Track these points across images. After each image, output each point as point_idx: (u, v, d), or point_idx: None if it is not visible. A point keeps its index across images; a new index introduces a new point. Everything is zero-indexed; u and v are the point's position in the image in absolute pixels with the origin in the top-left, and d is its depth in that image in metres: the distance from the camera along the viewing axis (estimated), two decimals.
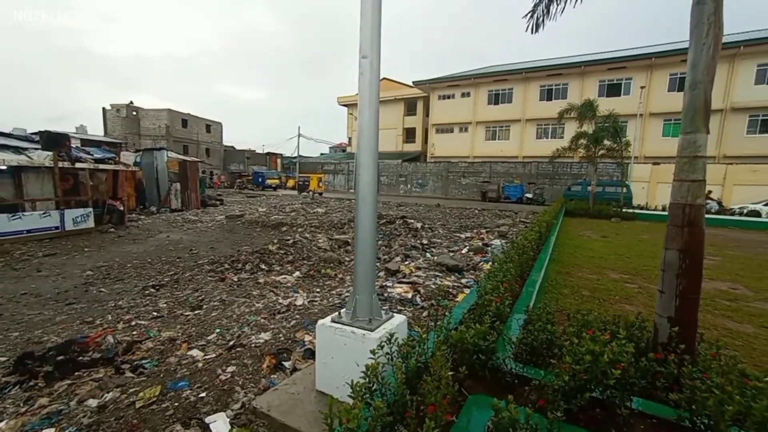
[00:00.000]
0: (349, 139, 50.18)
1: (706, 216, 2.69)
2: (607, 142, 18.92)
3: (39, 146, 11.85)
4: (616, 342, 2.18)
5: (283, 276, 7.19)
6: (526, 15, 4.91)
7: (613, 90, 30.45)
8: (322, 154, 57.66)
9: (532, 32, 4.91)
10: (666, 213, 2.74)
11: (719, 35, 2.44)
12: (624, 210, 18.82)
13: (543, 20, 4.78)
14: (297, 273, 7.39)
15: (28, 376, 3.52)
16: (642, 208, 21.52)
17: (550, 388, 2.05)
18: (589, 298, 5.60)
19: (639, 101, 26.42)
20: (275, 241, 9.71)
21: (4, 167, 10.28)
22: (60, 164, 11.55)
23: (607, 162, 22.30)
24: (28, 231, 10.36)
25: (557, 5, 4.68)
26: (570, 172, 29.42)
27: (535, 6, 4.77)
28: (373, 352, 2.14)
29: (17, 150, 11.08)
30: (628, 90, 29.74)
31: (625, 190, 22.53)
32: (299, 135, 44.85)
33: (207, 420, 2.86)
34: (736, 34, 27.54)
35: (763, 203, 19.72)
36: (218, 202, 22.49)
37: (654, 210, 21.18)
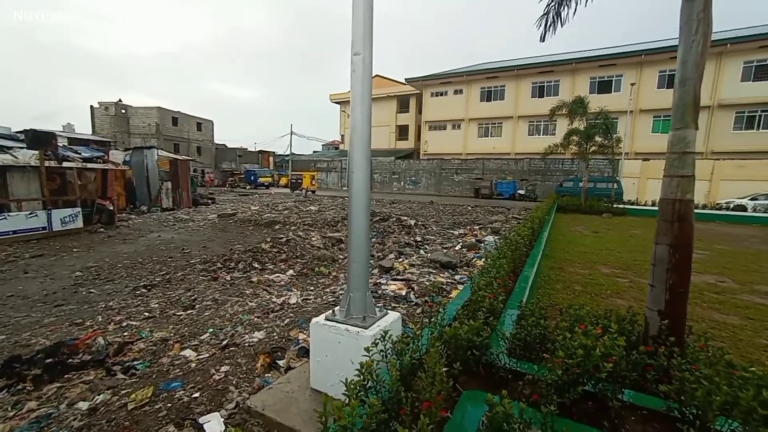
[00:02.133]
0: (342, 136, 49.98)
1: (695, 211, 2.72)
2: (598, 139, 19.13)
3: (24, 145, 11.60)
4: (608, 336, 2.21)
5: (277, 275, 7.15)
6: (536, 23, 4.76)
7: (604, 87, 30.76)
8: (314, 151, 57.35)
9: (542, 40, 4.76)
10: (656, 208, 2.77)
11: (708, 32, 2.46)
12: (615, 206, 19.08)
13: (554, 25, 4.65)
14: (290, 271, 7.35)
15: (15, 379, 3.45)
16: (632, 204, 21.84)
17: (544, 382, 2.07)
18: (582, 292, 5.66)
19: (629, 98, 26.73)
20: (268, 239, 9.64)
21: None
22: (46, 163, 11.31)
23: (599, 158, 22.56)
24: (14, 232, 10.14)
25: (568, 8, 4.53)
26: (562, 169, 29.71)
27: (546, 13, 4.63)
28: (367, 349, 2.13)
29: (1, 149, 10.83)
30: (619, 87, 30.09)
31: (615, 185, 22.82)
32: (291, 133, 44.56)
33: (201, 420, 2.84)
34: (723, 31, 27.97)
35: (749, 198, 20.15)
36: (210, 201, 22.27)
37: (644, 205, 21.51)
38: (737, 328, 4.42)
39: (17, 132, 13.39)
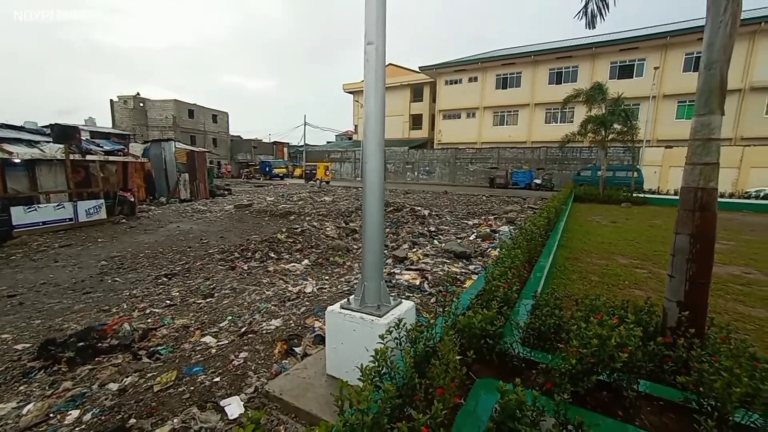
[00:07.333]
0: (355, 126, 49.84)
1: (719, 200, 2.64)
2: (617, 126, 18.50)
3: (50, 139, 12.03)
4: (624, 326, 2.19)
5: (293, 264, 7.28)
6: (577, 15, 4.55)
7: (625, 72, 29.60)
8: (328, 142, 57.49)
9: (589, 28, 4.56)
10: (678, 197, 2.69)
11: (738, 12, 2.34)
12: (635, 195, 18.54)
13: (602, 11, 4.39)
14: (306, 261, 7.48)
15: (51, 361, 3.67)
16: (654, 193, 21.17)
17: (557, 371, 2.07)
18: (598, 283, 5.58)
19: (652, 82, 25.66)
20: (284, 229, 9.80)
21: (18, 160, 10.48)
22: (71, 156, 11.73)
23: (618, 146, 21.84)
24: (44, 222, 10.60)
25: None
26: (579, 157, 28.93)
27: (586, 4, 4.41)
28: (381, 337, 2.17)
29: (30, 143, 11.27)
30: (641, 71, 28.89)
31: (636, 174, 22.12)
32: (305, 123, 44.66)
33: (222, 403, 2.96)
34: (756, 9, 26.33)
35: None
36: (226, 192, 22.68)
37: (666, 194, 20.82)
38: (763, 321, 4.29)
39: (43, 127, 13.87)
